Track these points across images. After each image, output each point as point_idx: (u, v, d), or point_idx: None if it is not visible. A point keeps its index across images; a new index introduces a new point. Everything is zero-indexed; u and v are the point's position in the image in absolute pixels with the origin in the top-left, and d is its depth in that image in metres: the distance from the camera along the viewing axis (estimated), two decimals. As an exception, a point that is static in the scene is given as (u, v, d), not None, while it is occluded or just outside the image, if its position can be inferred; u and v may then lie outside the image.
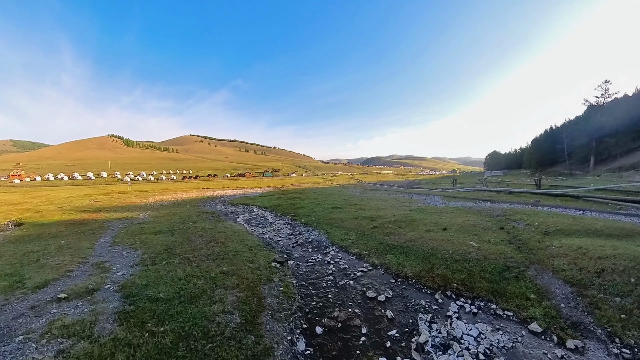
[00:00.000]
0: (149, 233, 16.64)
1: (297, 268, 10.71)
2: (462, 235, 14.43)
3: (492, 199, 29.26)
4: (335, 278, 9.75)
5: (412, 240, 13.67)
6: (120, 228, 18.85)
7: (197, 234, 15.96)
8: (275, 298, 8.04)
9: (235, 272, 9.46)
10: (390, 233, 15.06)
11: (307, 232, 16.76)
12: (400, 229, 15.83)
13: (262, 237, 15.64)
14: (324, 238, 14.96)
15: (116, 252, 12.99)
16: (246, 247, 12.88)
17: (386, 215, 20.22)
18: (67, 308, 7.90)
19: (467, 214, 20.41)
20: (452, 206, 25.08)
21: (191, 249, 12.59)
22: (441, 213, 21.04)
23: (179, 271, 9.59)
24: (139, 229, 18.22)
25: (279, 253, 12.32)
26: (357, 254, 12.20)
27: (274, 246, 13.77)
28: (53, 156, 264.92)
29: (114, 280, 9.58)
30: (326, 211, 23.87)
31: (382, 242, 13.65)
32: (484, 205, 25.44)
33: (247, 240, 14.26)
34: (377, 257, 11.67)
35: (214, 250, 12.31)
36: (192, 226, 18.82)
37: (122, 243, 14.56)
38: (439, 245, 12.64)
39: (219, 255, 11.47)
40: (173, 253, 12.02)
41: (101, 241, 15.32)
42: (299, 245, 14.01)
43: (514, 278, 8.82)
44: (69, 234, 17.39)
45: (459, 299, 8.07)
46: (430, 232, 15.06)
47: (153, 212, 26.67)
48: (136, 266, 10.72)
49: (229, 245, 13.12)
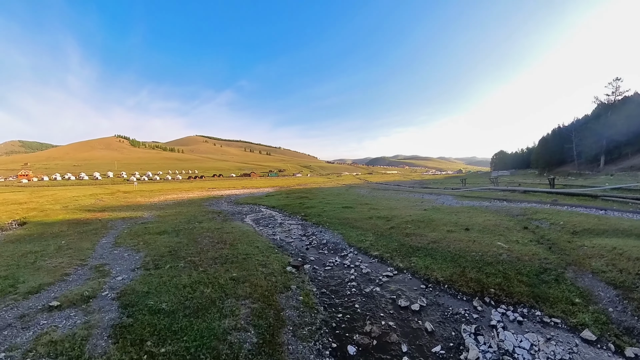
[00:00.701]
0: (153, 233, 15.68)
1: (314, 273, 9.66)
2: (487, 235, 13.42)
3: (507, 198, 28.10)
4: (359, 284, 8.71)
5: (435, 241, 12.57)
6: (124, 228, 17.93)
7: (203, 235, 14.95)
8: (295, 310, 6.87)
9: (247, 278, 8.37)
10: (410, 234, 13.94)
11: (320, 232, 15.72)
12: (419, 230, 14.71)
13: (273, 239, 14.63)
14: (339, 239, 13.90)
15: (117, 254, 12.02)
16: (257, 249, 11.82)
17: (402, 215, 19.09)
18: (59, 319, 6.92)
19: (485, 214, 19.32)
20: (468, 206, 23.90)
21: (197, 252, 11.57)
22: (458, 212, 19.92)
23: (184, 277, 8.55)
24: (142, 229, 17.27)
25: (293, 256, 11.30)
26: (379, 257, 11.11)
27: (286, 248, 12.75)
28: (60, 156, 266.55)
29: (112, 286, 8.58)
30: (337, 211, 22.77)
31: (403, 243, 12.54)
32: (500, 204, 24.27)
33: (257, 241, 13.22)
34: (401, 260, 10.57)
35: (222, 252, 11.26)
36: (198, 226, 17.84)
37: (124, 244, 13.61)
38: (465, 247, 11.62)
39: (227, 259, 10.42)
40: (178, 255, 11.01)
41: (103, 242, 14.39)
42: (313, 247, 12.98)
43: (554, 281, 8.18)
44: (71, 233, 16.52)
45: (500, 306, 7.32)
46: (452, 233, 13.96)
47: (158, 212, 25.77)
48: (137, 270, 9.72)
49: (238, 247, 12.08)
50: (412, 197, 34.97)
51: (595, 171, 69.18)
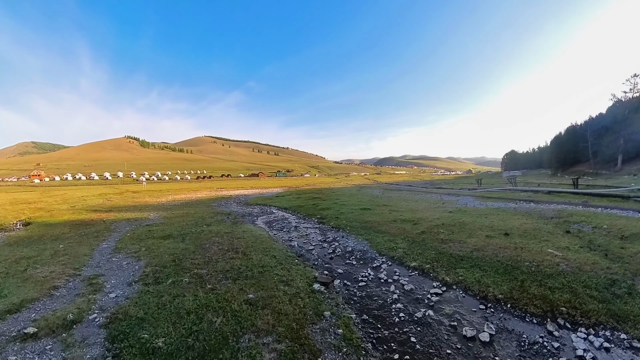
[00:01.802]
0: (157, 237, 14.15)
1: (348, 291, 7.91)
2: (531, 241, 11.78)
3: (532, 199, 26.11)
4: (406, 306, 7.04)
5: (478, 249, 10.79)
6: (127, 230, 16.48)
7: (211, 240, 13.34)
8: (336, 352, 4.94)
9: (267, 301, 6.56)
10: (446, 240, 12.15)
11: (342, 238, 13.99)
12: (455, 235, 12.93)
13: (290, 245, 12.96)
14: (365, 246, 12.17)
15: (116, 262, 10.50)
16: (274, 259, 10.11)
17: (428, 218, 17.26)
18: (30, 354, 5.38)
19: (517, 216, 17.53)
20: (494, 207, 21.98)
21: (205, 262, 9.94)
22: (488, 215, 18.08)
23: (189, 297, 6.87)
24: (146, 232, 15.78)
25: (317, 268, 9.60)
26: (418, 269, 9.34)
27: (307, 257, 11.08)
28: (72, 157, 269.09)
29: (103, 305, 7.02)
30: (355, 213, 20.98)
31: (442, 251, 10.78)
32: (527, 206, 22.35)
33: (272, 249, 11.52)
34: (446, 272, 8.81)
35: (234, 264, 9.59)
36: (206, 230, 16.28)
37: (124, 249, 12.10)
38: (514, 255, 9.96)
39: (240, 272, 8.73)
40: (182, 266, 9.39)
41: (102, 246, 12.93)
42: (337, 255, 11.27)
43: (626, 295, 7.08)
44: (72, 236, 15.17)
45: (578, 329, 6.13)
46: (492, 239, 12.17)
47: (164, 213, 24.36)
48: (135, 284, 8.14)
49: (251, 256, 10.39)
50: (430, 197, 33.05)
51: (612, 171, 66.08)
